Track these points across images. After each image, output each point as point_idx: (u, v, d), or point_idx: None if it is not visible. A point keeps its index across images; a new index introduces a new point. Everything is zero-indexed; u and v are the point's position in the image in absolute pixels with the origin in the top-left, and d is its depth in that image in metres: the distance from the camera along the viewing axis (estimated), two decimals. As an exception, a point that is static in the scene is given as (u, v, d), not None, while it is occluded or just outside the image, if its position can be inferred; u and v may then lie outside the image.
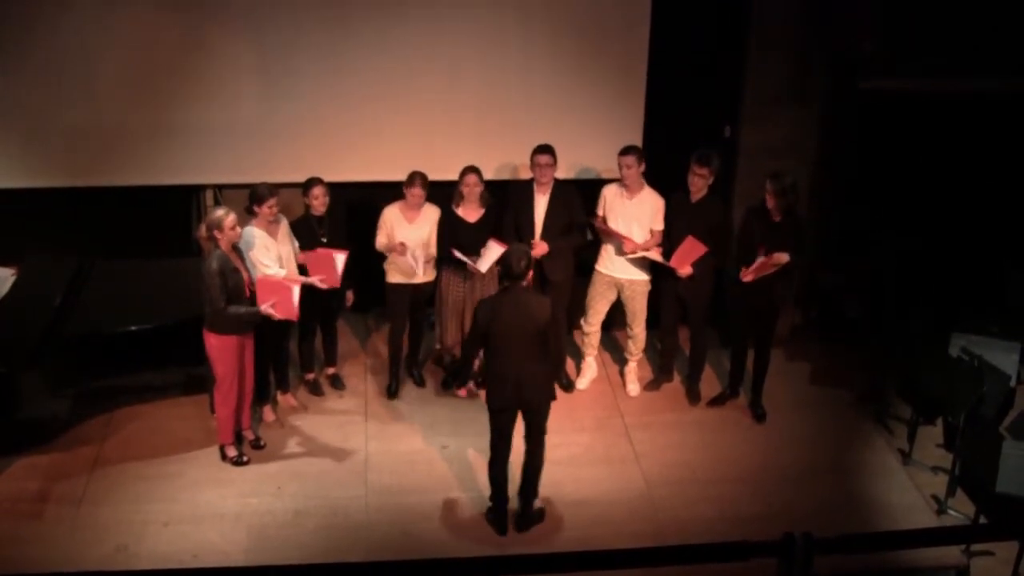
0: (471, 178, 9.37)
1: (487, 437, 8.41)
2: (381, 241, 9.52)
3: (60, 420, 9.37)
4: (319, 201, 9.25)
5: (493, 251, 9.24)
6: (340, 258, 9.23)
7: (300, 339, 9.80)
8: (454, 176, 9.46)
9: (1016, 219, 10.50)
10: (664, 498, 8.83)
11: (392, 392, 9.98)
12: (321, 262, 9.22)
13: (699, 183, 9.39)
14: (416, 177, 9.32)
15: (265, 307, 8.55)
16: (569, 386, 10.13)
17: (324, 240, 9.32)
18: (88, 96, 9.76)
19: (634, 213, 9.55)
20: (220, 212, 8.42)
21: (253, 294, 8.63)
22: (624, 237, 9.50)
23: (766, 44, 10.02)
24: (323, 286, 9.19)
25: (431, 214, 9.51)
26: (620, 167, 9.43)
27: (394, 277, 9.65)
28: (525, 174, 9.72)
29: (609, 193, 9.63)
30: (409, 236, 9.43)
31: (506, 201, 9.64)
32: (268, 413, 9.65)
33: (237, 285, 8.47)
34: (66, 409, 9.46)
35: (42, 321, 8.74)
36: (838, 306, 9.35)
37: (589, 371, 10.25)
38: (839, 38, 9.94)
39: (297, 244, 9.27)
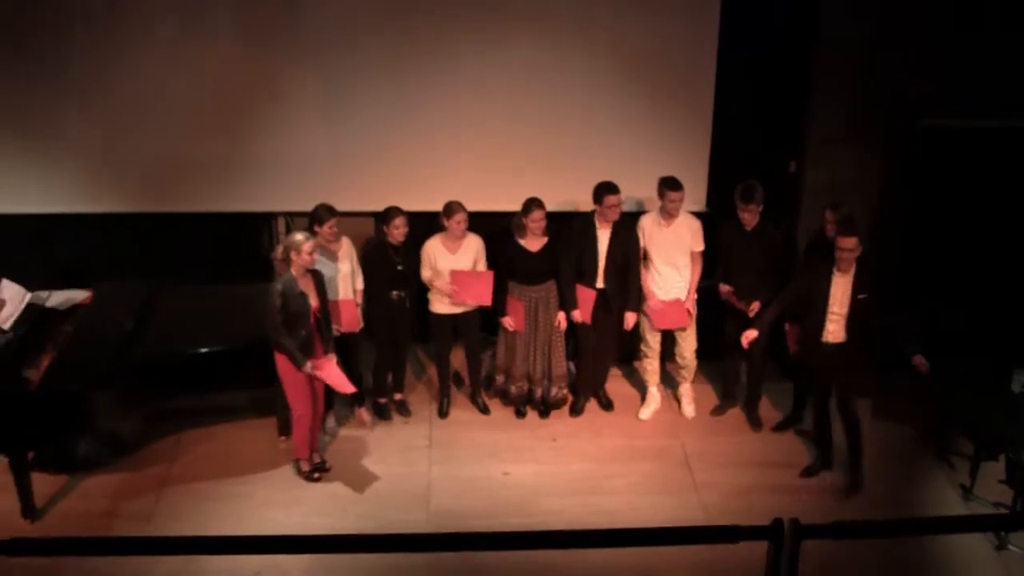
0: (538, 214, 9.50)
1: (547, 464, 8.85)
2: (426, 275, 9.69)
3: (131, 440, 9.58)
4: (400, 231, 9.43)
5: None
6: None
7: (376, 365, 9.99)
8: (514, 207, 9.62)
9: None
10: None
11: (443, 413, 10.16)
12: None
13: (748, 218, 9.53)
14: (456, 206, 9.45)
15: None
16: (608, 405, 10.31)
17: (400, 268, 9.52)
18: (163, 128, 10.04)
19: (672, 240, 9.73)
20: (300, 236, 8.65)
21: (320, 320, 8.82)
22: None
23: (830, 83, 10.09)
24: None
25: (473, 243, 9.66)
26: (666, 200, 9.57)
27: (437, 307, 9.83)
28: (586, 207, 9.84)
29: (647, 223, 9.78)
30: (452, 267, 9.60)
31: (568, 236, 9.77)
32: (364, 415, 9.98)
33: (299, 310, 8.66)
34: (137, 429, 9.66)
35: (114, 342, 8.96)
36: (899, 344, 9.34)
37: (653, 401, 10.31)
38: (899, 78, 10.01)
39: (359, 268, 9.52)
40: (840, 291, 8.86)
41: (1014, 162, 10.28)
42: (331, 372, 8.91)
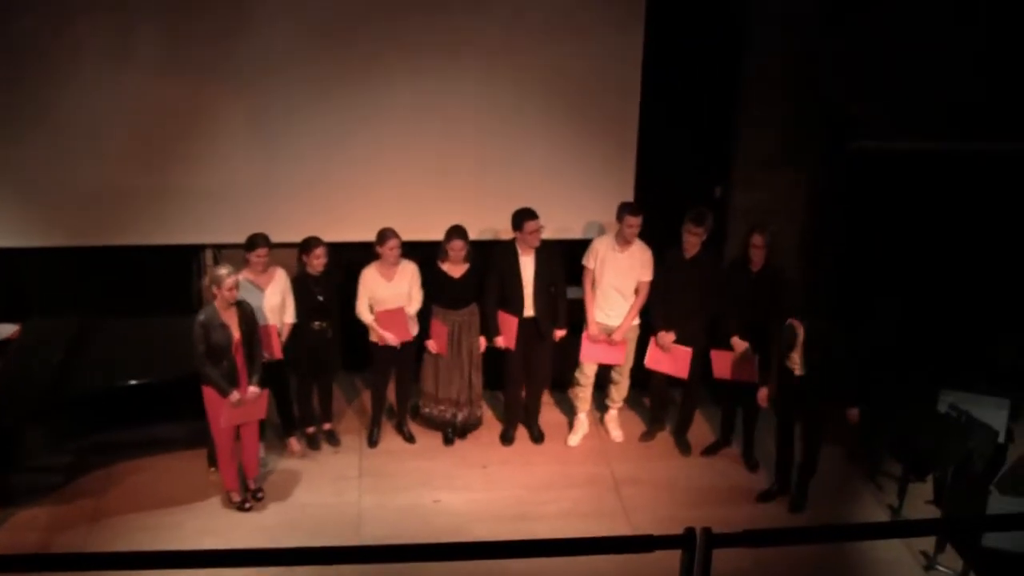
0: (457, 243, 9.57)
1: (478, 492, 8.99)
2: (362, 306, 9.70)
3: (61, 473, 9.52)
4: (319, 261, 9.47)
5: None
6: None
7: (299, 395, 9.99)
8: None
9: (1005, 278, 10.60)
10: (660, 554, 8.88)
11: (373, 442, 10.18)
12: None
13: (693, 241, 9.57)
14: (388, 233, 9.50)
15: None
16: (540, 438, 10.30)
17: (320, 299, 9.55)
18: (91, 158, 10.00)
19: (625, 266, 9.77)
20: (223, 271, 8.67)
21: (245, 351, 8.85)
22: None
23: (757, 107, 10.25)
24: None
25: (408, 269, 9.71)
26: (624, 225, 9.61)
27: (376, 336, 9.84)
28: (507, 235, 9.90)
29: (601, 246, 9.81)
30: (388, 294, 9.64)
31: (491, 263, 9.83)
32: (293, 444, 9.97)
33: (221, 341, 8.69)
34: (67, 463, 9.61)
35: (43, 377, 8.91)
36: (836, 370, 9.42)
37: (581, 428, 10.36)
38: (828, 101, 10.11)
39: (292, 299, 9.52)
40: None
41: (944, 184, 10.41)
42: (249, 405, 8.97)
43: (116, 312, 9.90)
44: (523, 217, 9.57)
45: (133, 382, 8.93)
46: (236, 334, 8.76)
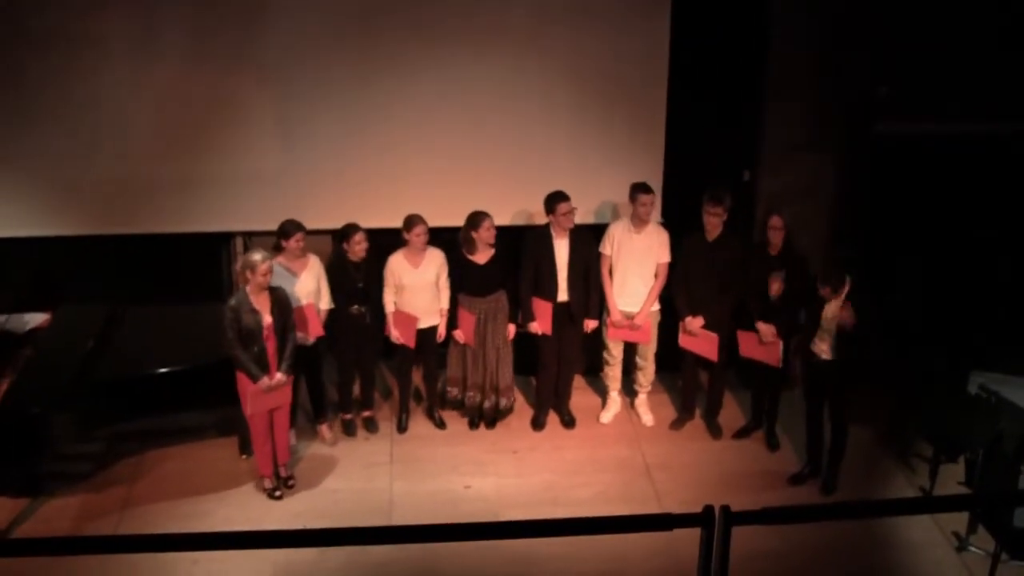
0: (487, 223, 9.59)
1: (509, 477, 9.06)
2: (388, 295, 9.73)
3: (91, 462, 9.57)
4: (360, 247, 9.51)
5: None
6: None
7: (340, 381, 10.04)
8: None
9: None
10: (683, 535, 8.86)
11: (402, 428, 10.21)
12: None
13: (714, 222, 9.58)
14: (416, 218, 9.54)
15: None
16: (571, 422, 10.29)
17: (360, 285, 9.59)
18: (121, 148, 10.05)
19: (641, 248, 9.78)
20: (257, 257, 8.70)
21: (277, 337, 8.86)
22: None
23: (783, 91, 10.20)
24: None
25: (435, 257, 9.72)
26: (637, 204, 9.62)
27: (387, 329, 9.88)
28: (540, 219, 9.91)
29: (617, 230, 9.83)
30: (414, 281, 9.67)
31: (524, 248, 9.85)
32: (324, 431, 9.97)
33: (250, 326, 8.71)
34: (97, 451, 9.67)
35: (74, 365, 8.94)
36: (860, 350, 9.40)
37: (613, 406, 10.40)
38: (854, 84, 10.08)
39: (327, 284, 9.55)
40: (831, 310, 8.99)
41: (970, 166, 10.36)
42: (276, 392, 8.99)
43: (146, 300, 9.94)
44: (556, 200, 9.57)
45: (163, 369, 8.94)
46: (268, 318, 8.77)
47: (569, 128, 10.31)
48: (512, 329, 9.91)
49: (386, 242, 9.88)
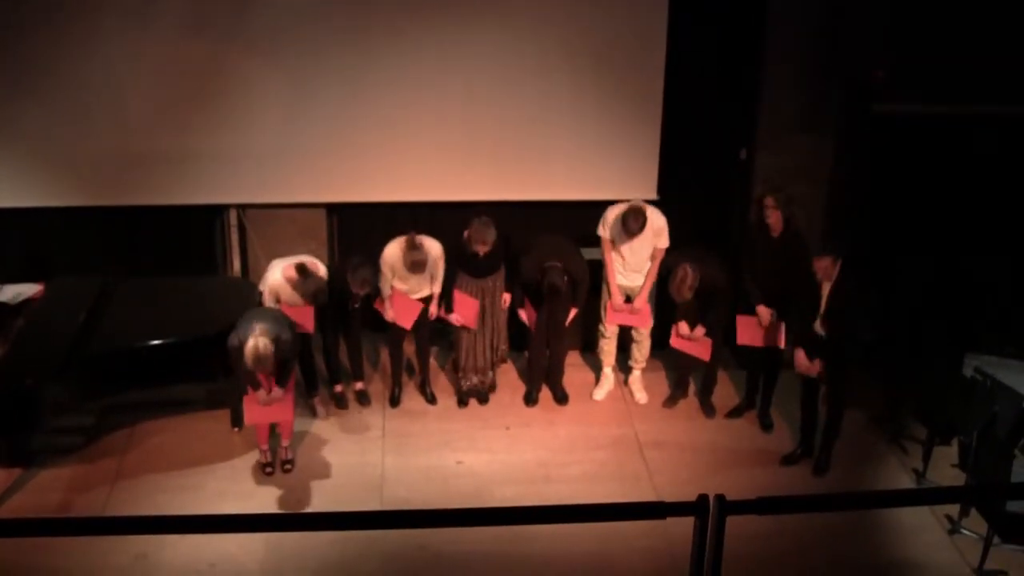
0: (476, 225, 9.49)
1: (501, 453, 8.92)
2: (385, 283, 9.67)
3: (83, 434, 9.53)
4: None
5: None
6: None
7: (325, 353, 9.99)
8: (471, 197, 9.70)
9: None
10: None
11: (395, 401, 10.16)
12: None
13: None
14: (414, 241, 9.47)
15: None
16: (563, 399, 10.26)
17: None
18: (115, 120, 10.01)
19: (639, 238, 9.73)
20: (249, 344, 8.47)
21: (282, 373, 8.82)
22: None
23: (780, 70, 10.16)
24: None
25: (432, 248, 9.61)
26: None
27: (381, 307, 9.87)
28: (536, 194, 10.01)
29: (612, 215, 9.77)
30: (412, 274, 9.60)
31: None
32: (318, 406, 9.96)
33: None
34: (89, 423, 9.62)
35: (66, 337, 8.90)
36: (852, 328, 9.39)
37: (607, 382, 10.37)
38: (851, 64, 10.04)
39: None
40: (828, 289, 8.99)
41: (968, 147, 10.34)
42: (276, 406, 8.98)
43: (139, 272, 9.92)
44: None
45: (155, 342, 8.90)
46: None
47: (567, 106, 10.25)
48: (507, 298, 9.91)
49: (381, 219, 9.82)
